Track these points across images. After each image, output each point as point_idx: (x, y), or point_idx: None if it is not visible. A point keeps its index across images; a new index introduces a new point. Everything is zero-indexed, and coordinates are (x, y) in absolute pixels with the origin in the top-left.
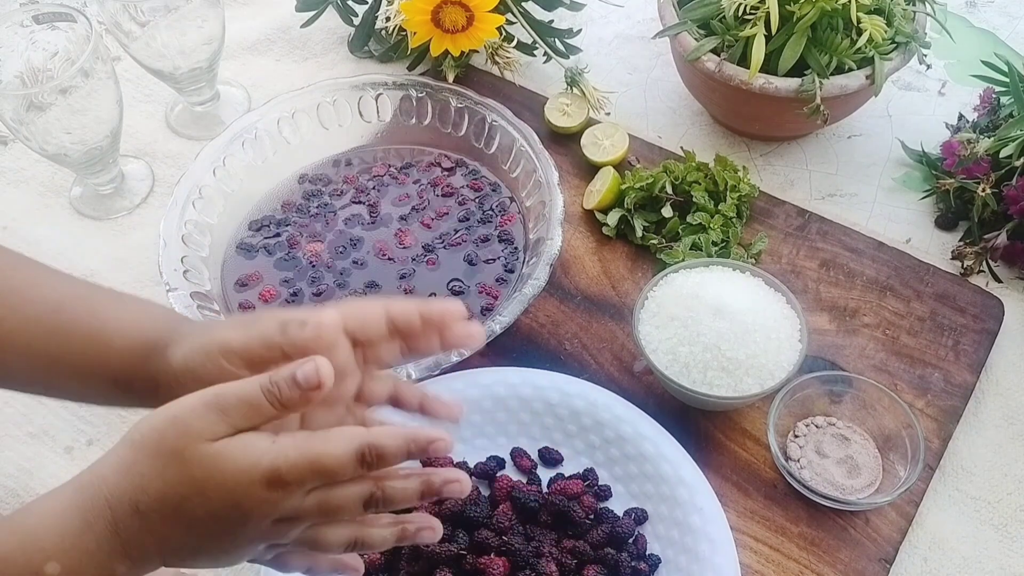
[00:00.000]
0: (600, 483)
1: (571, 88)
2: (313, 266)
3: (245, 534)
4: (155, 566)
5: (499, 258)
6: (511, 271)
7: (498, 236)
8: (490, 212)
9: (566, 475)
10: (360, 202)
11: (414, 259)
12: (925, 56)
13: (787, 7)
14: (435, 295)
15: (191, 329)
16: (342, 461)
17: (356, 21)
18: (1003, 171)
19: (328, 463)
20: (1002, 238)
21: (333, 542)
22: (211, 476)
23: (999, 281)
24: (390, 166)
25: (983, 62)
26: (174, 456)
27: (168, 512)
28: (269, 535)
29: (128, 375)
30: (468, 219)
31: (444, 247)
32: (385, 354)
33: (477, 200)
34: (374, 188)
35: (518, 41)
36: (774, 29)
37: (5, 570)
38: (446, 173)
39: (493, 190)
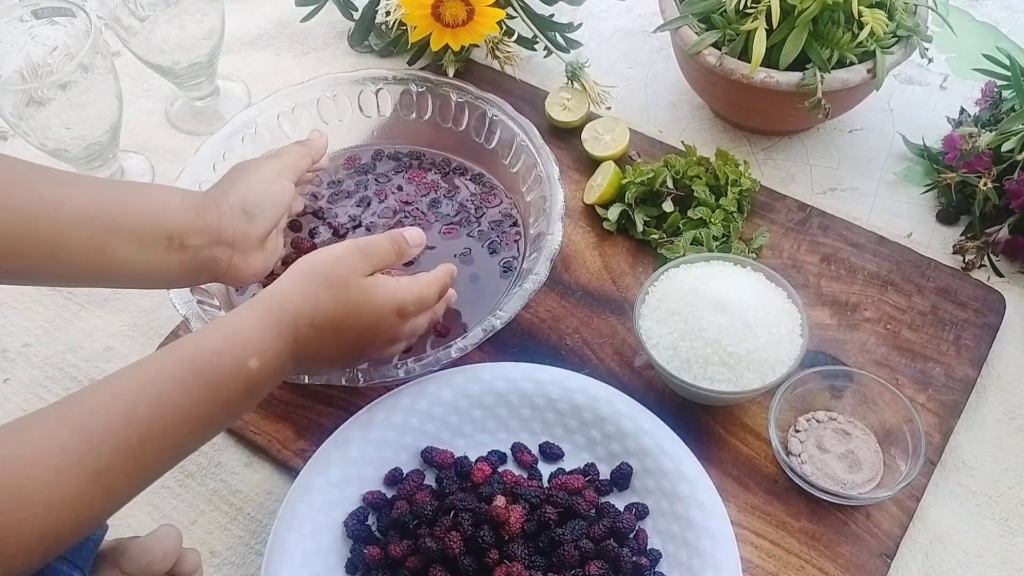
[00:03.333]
0: (601, 478)
1: (572, 82)
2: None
3: (372, 346)
4: (304, 369)
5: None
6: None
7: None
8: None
9: (567, 470)
10: (360, 204)
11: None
12: (927, 50)
13: (788, 1)
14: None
15: (224, 186)
16: (433, 296)
17: (356, 15)
18: (1005, 165)
19: (428, 298)
20: (1003, 232)
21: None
22: (366, 301)
23: (1000, 275)
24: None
25: (985, 56)
26: (342, 285)
27: (333, 327)
28: (380, 349)
29: (184, 227)
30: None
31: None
32: None
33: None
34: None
35: (518, 35)
36: (775, 23)
37: (219, 362)
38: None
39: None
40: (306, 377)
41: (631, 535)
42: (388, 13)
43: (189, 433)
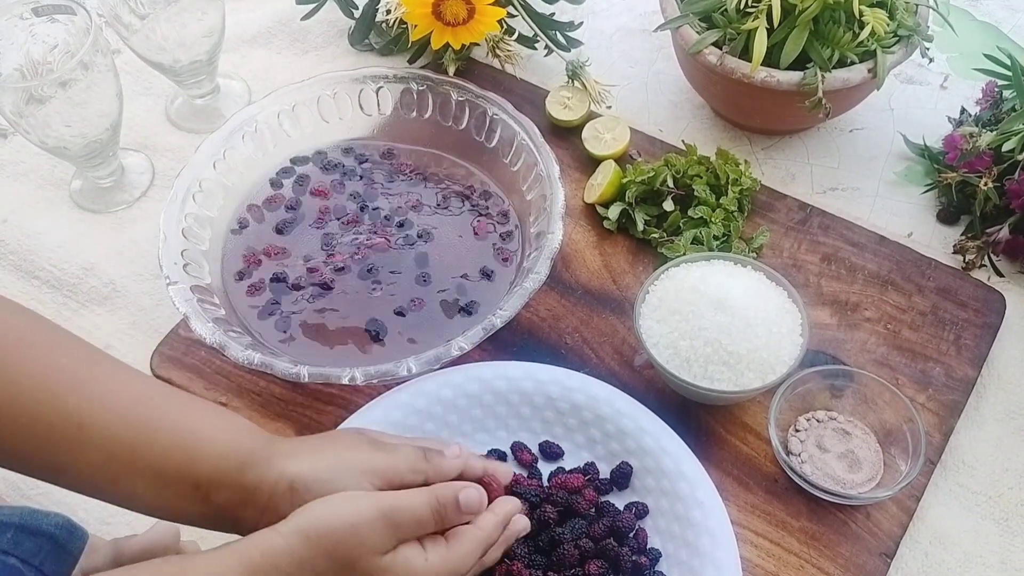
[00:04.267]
0: (600, 477)
1: (572, 81)
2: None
3: None
4: None
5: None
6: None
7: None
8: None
9: (567, 469)
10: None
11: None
12: (927, 49)
13: (789, 0)
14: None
15: (299, 444)
16: (474, 555)
17: (356, 14)
18: (1005, 165)
19: (463, 569)
20: (1004, 232)
21: None
22: None
23: (1001, 275)
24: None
25: (985, 55)
26: (348, 564)
27: None
28: None
29: (215, 482)
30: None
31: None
32: None
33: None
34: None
35: (519, 34)
36: (776, 22)
37: None
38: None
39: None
40: (305, 374)
41: (631, 534)
42: (389, 11)
43: None
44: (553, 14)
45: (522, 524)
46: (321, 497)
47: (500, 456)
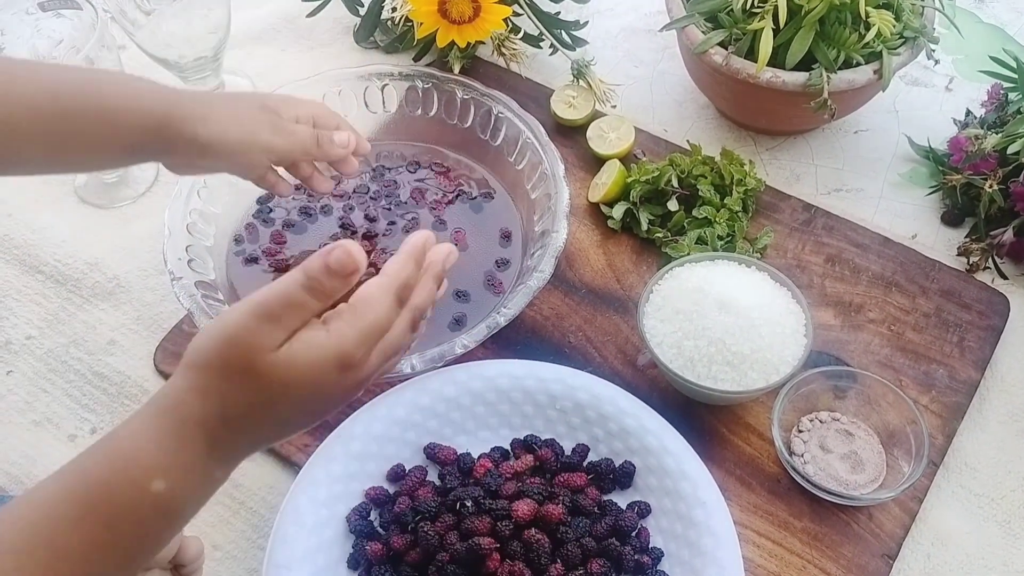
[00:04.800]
0: (603, 476)
1: (577, 80)
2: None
3: (330, 407)
4: (245, 455)
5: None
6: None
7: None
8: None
9: (565, 455)
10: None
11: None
12: (933, 51)
13: (795, 1)
14: None
15: (211, 109)
16: (389, 315)
17: (362, 11)
18: (1010, 167)
19: (381, 324)
20: (1008, 234)
21: (394, 364)
22: (289, 380)
23: (1005, 278)
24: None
25: (991, 58)
26: (246, 373)
27: (258, 417)
28: (348, 398)
29: (139, 144)
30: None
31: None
32: None
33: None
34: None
35: (524, 33)
36: (782, 23)
37: (109, 493)
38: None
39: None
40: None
41: (633, 533)
42: (394, 9)
43: (100, 562)
44: (559, 13)
45: (446, 250)
46: (227, 162)
47: (503, 454)
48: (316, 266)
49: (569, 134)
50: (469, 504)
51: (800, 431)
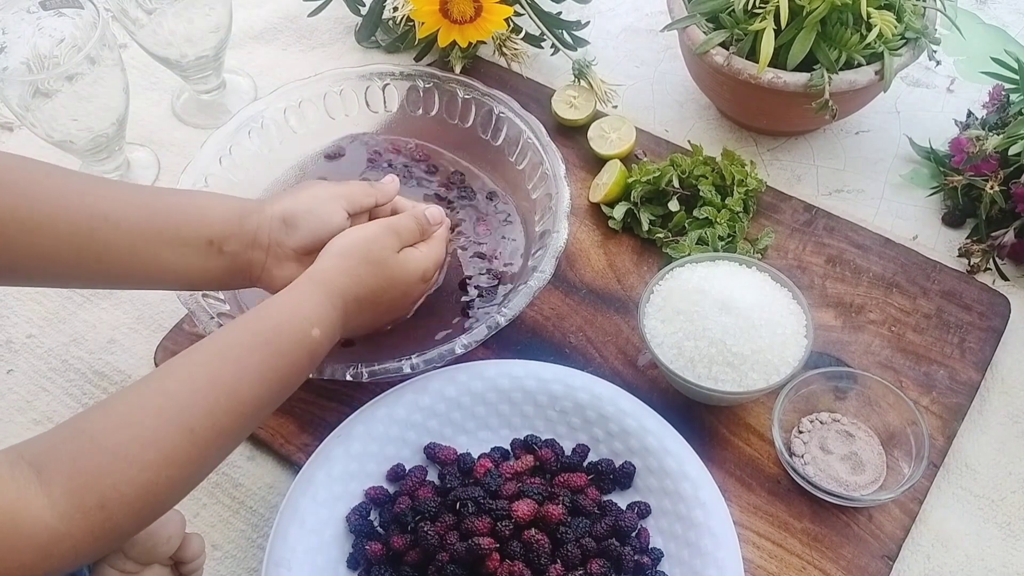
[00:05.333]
0: (603, 476)
1: (578, 80)
2: None
3: (401, 308)
4: (348, 334)
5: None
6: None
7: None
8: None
9: (565, 454)
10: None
11: None
12: (935, 52)
13: (797, 1)
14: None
15: (278, 196)
16: (442, 251)
17: (363, 11)
18: (1011, 168)
19: (440, 256)
20: (1009, 236)
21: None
22: (398, 275)
23: (1006, 279)
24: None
25: (993, 59)
26: (378, 263)
27: (373, 299)
28: (408, 309)
29: (223, 235)
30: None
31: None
32: None
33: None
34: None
35: (526, 33)
36: (783, 23)
37: (280, 331)
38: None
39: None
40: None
41: (633, 534)
42: (396, 9)
43: (267, 394)
44: (560, 13)
45: (447, 222)
46: (307, 223)
47: (503, 454)
48: (420, 212)
49: (570, 134)
50: (469, 504)
51: (800, 432)
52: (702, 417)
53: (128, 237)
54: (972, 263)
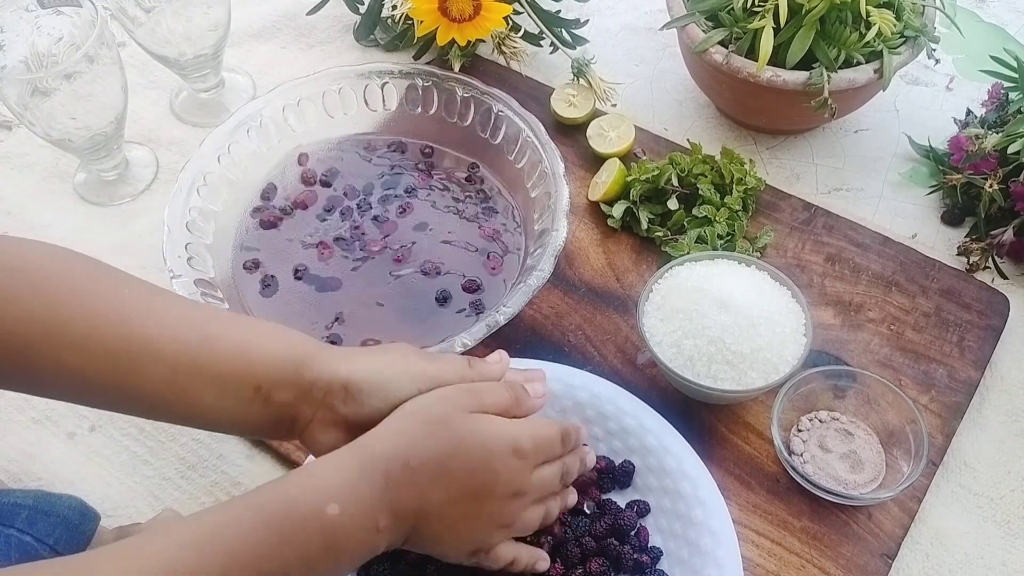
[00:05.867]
0: (603, 475)
1: (577, 79)
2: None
3: (491, 496)
4: (404, 534)
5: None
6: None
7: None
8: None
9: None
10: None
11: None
12: (934, 51)
13: (796, 0)
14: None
15: (351, 350)
16: (555, 438)
17: (362, 9)
18: (1011, 167)
19: (550, 442)
20: (1008, 234)
21: (535, 519)
22: (471, 435)
23: (1005, 277)
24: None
25: (992, 57)
26: (441, 422)
27: (434, 467)
28: (505, 512)
29: (274, 382)
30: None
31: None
32: None
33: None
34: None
35: (525, 31)
36: (783, 22)
37: (288, 507)
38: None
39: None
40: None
41: (632, 532)
42: (394, 7)
43: None
44: (559, 11)
45: (591, 458)
46: (372, 400)
47: None
48: (517, 380)
49: (569, 132)
50: None
51: (799, 430)
52: (701, 416)
53: (166, 370)
54: (971, 261)
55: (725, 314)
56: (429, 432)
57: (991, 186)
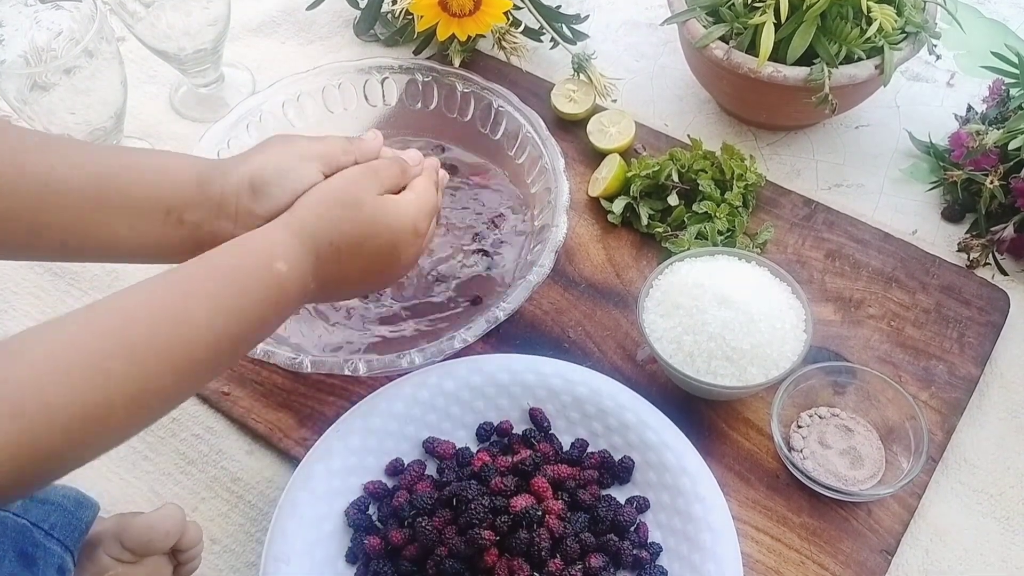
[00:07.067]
0: (602, 471)
1: (578, 74)
2: None
3: (392, 269)
4: (325, 295)
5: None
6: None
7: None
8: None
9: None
10: None
11: None
12: (935, 46)
13: None
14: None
15: (245, 155)
16: (433, 196)
17: (362, 4)
18: (1011, 163)
19: (432, 203)
20: (1009, 230)
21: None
22: (381, 220)
23: (1005, 274)
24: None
25: (993, 53)
26: (356, 204)
27: (352, 247)
28: (402, 272)
29: (183, 202)
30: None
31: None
32: None
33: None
34: None
35: (525, 26)
36: (783, 17)
37: (246, 265)
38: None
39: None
40: (307, 364)
41: (632, 528)
42: (394, 2)
43: (227, 327)
44: (559, 7)
45: (444, 174)
46: (279, 188)
47: (503, 449)
48: (400, 154)
49: (569, 128)
50: (467, 496)
51: (799, 427)
52: (701, 412)
53: (71, 204)
54: (971, 258)
55: (725, 310)
56: (347, 216)
57: (992, 182)
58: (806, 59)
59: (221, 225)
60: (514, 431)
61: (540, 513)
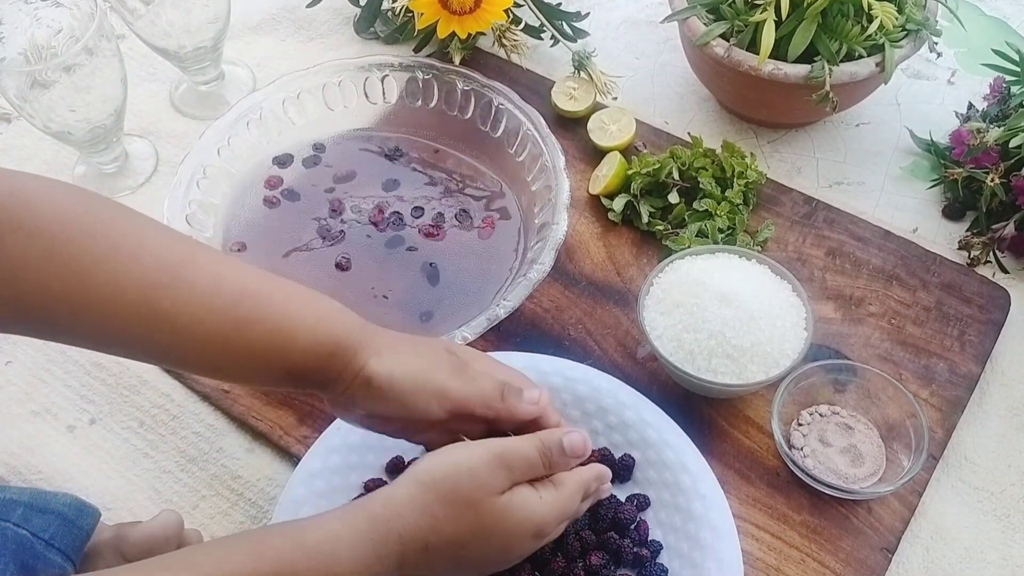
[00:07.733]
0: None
1: (578, 72)
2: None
3: (494, 568)
4: None
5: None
6: None
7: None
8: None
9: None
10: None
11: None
12: (936, 44)
13: None
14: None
15: (389, 343)
16: (578, 506)
17: (362, 1)
18: (1012, 161)
19: (570, 512)
20: (1010, 228)
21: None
22: (497, 525)
23: (1006, 272)
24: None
25: (994, 51)
26: (469, 505)
27: (451, 552)
28: (519, 559)
29: (305, 369)
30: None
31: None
32: None
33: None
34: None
35: (525, 24)
36: (784, 15)
37: (299, 564)
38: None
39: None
40: None
41: (632, 526)
42: (395, 0)
43: None
44: (560, 4)
45: (607, 486)
46: (390, 404)
47: None
48: (554, 440)
49: (570, 126)
50: None
51: (800, 424)
52: (701, 410)
53: (194, 346)
54: (972, 256)
55: (726, 308)
56: (454, 516)
57: (992, 180)
58: (807, 57)
59: (328, 387)
60: None
61: None
